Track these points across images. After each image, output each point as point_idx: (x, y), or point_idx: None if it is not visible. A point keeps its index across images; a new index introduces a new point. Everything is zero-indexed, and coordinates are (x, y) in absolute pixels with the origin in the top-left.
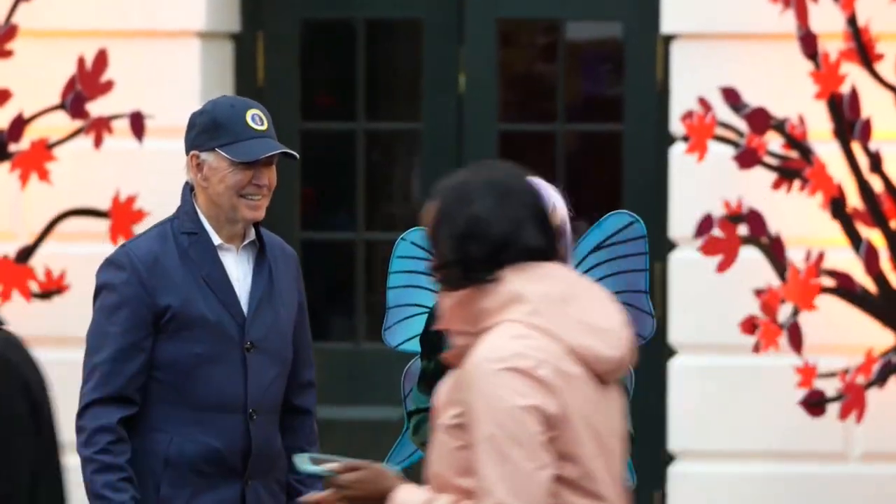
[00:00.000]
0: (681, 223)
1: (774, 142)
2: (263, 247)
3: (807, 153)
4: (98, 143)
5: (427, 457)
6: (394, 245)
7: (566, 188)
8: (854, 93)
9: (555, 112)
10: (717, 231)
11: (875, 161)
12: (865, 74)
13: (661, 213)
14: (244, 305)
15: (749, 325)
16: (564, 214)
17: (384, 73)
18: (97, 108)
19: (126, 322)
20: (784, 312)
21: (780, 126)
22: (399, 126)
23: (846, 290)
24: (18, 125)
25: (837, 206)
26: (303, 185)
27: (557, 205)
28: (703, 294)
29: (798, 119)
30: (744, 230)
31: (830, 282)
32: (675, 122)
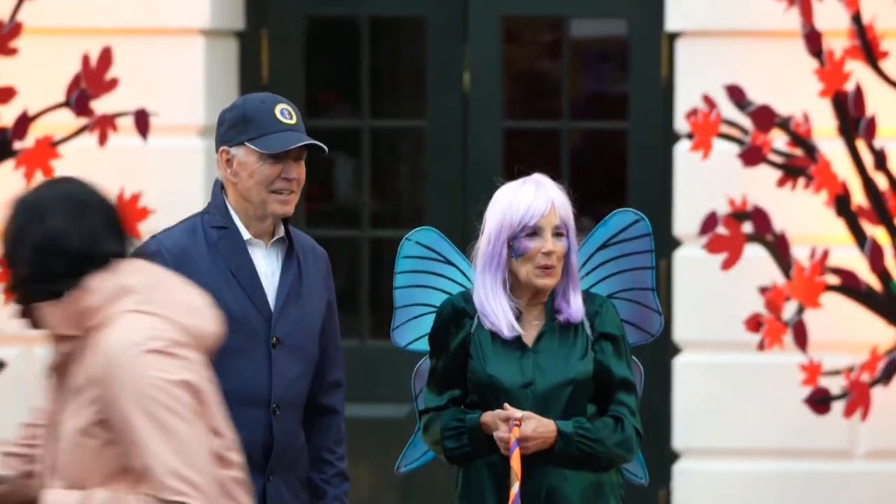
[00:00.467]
0: (685, 221)
1: (779, 139)
2: (292, 244)
3: (811, 151)
4: (102, 141)
5: (58, 463)
6: (399, 243)
7: (571, 185)
8: (859, 90)
9: (559, 109)
10: (722, 229)
11: (880, 158)
12: (870, 72)
13: (666, 211)
14: (271, 301)
15: (754, 323)
16: (569, 212)
17: (388, 71)
18: (102, 106)
19: None
20: (789, 310)
21: (785, 123)
22: (403, 123)
23: (851, 288)
24: (23, 123)
25: (842, 204)
26: (308, 183)
27: (557, 200)
28: (708, 292)
29: (803, 116)
30: (748, 228)
31: (835, 279)
32: (680, 120)
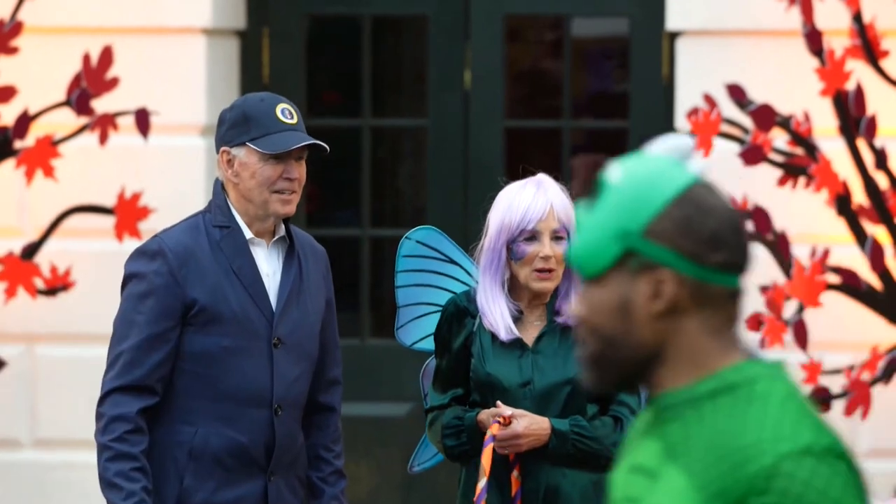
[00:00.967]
0: None
1: (780, 138)
2: (293, 243)
3: (812, 150)
4: (103, 140)
5: None
6: (399, 242)
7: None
8: (859, 89)
9: (560, 108)
10: None
11: (880, 158)
12: (871, 71)
13: None
14: (273, 300)
15: (754, 322)
16: (570, 214)
17: (390, 70)
18: (102, 105)
19: (153, 311)
20: (789, 309)
21: (786, 123)
22: (405, 123)
23: (851, 287)
24: (24, 122)
25: (843, 203)
26: (308, 182)
27: (557, 203)
28: None
29: (803, 116)
30: (749, 227)
31: (835, 278)
32: (681, 119)
